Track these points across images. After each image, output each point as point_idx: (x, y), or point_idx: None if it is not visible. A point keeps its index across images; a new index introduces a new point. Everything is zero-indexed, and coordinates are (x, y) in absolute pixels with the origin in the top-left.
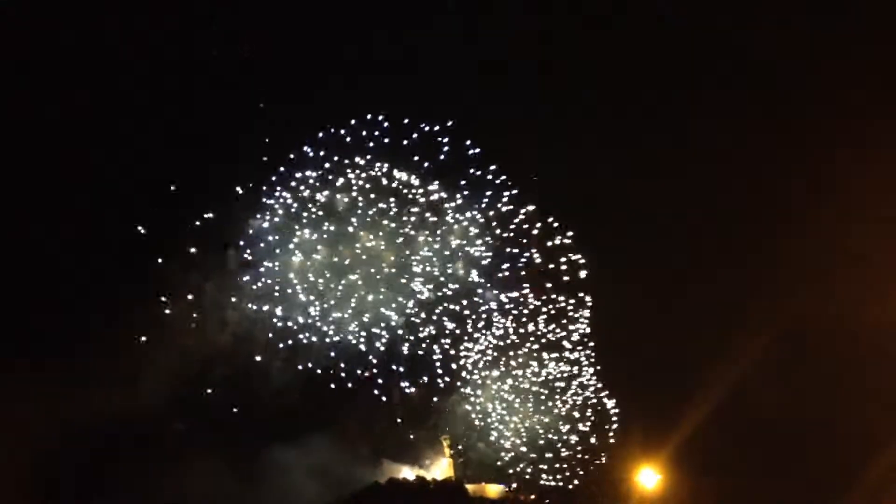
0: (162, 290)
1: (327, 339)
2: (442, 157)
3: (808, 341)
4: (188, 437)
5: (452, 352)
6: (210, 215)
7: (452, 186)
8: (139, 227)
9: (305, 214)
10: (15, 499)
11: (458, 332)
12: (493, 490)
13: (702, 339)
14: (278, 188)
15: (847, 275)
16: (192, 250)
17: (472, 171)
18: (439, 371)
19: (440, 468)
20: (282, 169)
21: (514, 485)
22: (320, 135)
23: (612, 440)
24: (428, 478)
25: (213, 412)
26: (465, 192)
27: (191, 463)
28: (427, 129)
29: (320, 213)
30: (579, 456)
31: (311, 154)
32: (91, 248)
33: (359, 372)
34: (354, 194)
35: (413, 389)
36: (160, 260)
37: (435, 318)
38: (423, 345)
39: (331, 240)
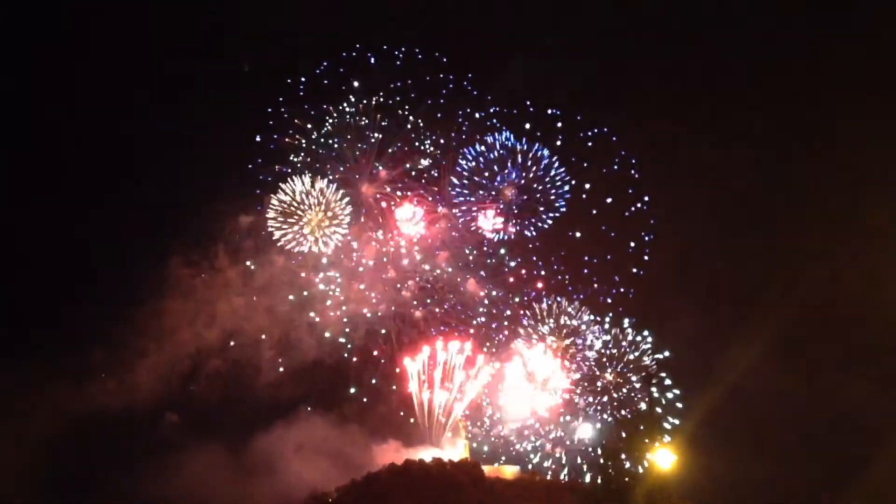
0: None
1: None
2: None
3: (824, 327)
4: (183, 429)
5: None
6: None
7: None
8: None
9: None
10: (16, 487)
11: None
12: (509, 471)
13: (720, 323)
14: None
15: (864, 261)
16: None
17: None
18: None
19: (457, 450)
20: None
21: (530, 466)
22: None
23: (628, 420)
24: (445, 459)
25: (207, 403)
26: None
27: (188, 454)
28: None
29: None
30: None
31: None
32: (86, 248)
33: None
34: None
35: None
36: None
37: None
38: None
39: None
